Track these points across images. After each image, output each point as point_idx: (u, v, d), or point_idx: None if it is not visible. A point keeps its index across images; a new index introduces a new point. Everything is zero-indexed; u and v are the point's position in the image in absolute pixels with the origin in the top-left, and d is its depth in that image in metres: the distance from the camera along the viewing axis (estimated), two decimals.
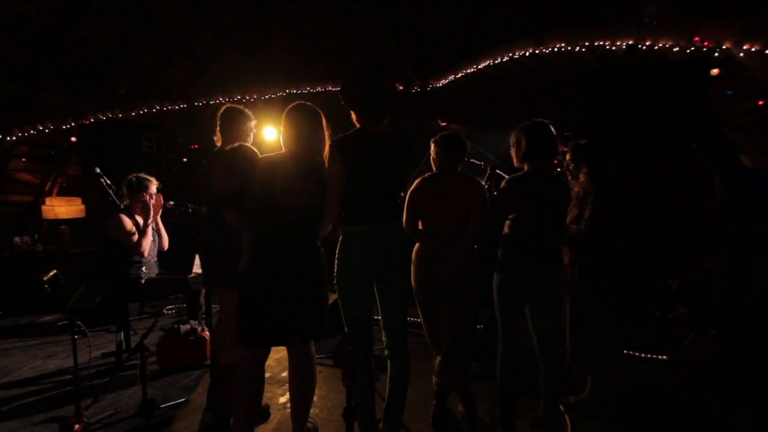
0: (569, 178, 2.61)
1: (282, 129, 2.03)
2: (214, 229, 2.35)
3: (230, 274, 2.20)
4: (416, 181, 2.31)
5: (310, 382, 2.07)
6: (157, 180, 3.41)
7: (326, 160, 2.03)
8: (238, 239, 2.23)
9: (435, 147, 2.35)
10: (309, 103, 2.06)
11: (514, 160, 2.29)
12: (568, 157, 2.54)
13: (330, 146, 1.96)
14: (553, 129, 2.18)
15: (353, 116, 2.03)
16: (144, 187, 3.29)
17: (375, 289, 2.04)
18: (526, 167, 2.19)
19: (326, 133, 2.06)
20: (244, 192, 2.00)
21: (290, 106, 2.03)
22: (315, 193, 1.97)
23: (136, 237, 3.16)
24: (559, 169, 3.13)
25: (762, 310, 2.85)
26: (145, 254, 3.21)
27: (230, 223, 2.12)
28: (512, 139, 2.27)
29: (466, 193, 2.22)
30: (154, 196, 3.33)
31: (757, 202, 2.82)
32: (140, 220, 3.34)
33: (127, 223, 3.16)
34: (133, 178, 3.31)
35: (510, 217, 2.18)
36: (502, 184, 2.18)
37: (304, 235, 1.99)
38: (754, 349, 2.95)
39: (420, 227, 2.30)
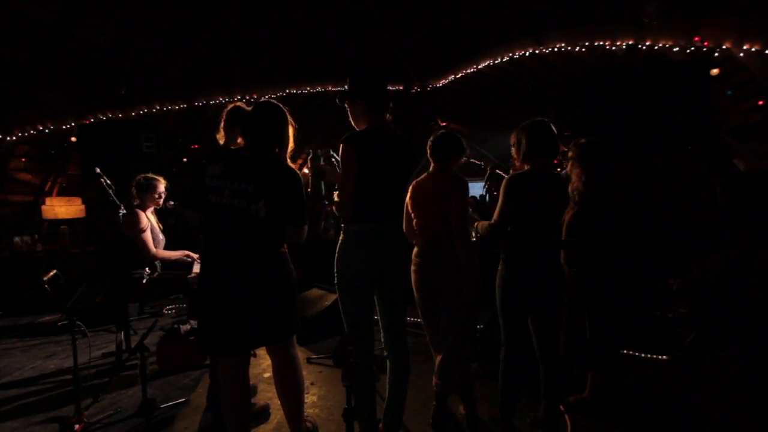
0: (568, 172, 2.59)
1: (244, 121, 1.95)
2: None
3: None
4: (410, 186, 2.31)
5: (295, 381, 2.02)
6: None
7: (290, 158, 1.98)
8: None
9: (428, 146, 2.35)
10: (275, 102, 1.96)
11: (516, 160, 2.29)
12: (570, 154, 2.51)
13: (343, 141, 1.90)
14: (554, 128, 2.17)
15: (358, 110, 2.02)
16: (153, 186, 3.30)
17: (374, 288, 2.04)
18: (527, 167, 2.18)
19: (290, 131, 1.96)
20: (191, 188, 1.91)
21: (257, 102, 1.95)
22: (245, 192, 1.79)
23: (148, 235, 3.17)
24: (559, 169, 3.13)
25: (758, 307, 2.89)
26: (154, 256, 3.20)
27: (190, 218, 2.07)
28: (513, 139, 2.27)
29: (445, 191, 2.18)
30: (163, 195, 3.36)
31: (751, 205, 2.87)
32: (151, 218, 3.36)
33: (143, 220, 3.17)
34: (142, 179, 3.32)
35: (511, 216, 2.16)
36: (504, 181, 2.16)
37: (239, 237, 1.80)
38: (753, 346, 2.98)
39: (415, 230, 2.30)
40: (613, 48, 4.58)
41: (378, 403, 2.15)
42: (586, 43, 4.78)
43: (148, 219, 3.32)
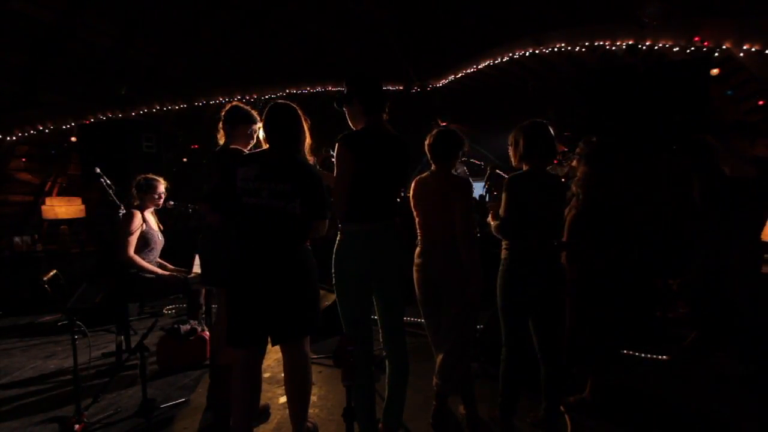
0: (573, 164, 2.59)
1: (263, 125, 2.02)
2: (210, 228, 2.36)
3: (225, 274, 2.21)
4: (412, 184, 2.31)
5: (305, 380, 2.05)
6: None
7: (309, 157, 2.06)
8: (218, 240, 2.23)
9: (426, 147, 2.34)
10: (285, 102, 2.03)
11: (512, 160, 2.29)
12: (578, 150, 2.51)
13: (339, 141, 1.93)
14: (551, 129, 2.18)
15: (354, 112, 2.03)
16: (153, 187, 3.30)
17: (372, 288, 2.04)
18: (524, 167, 2.18)
19: (306, 131, 2.05)
20: (218, 190, 1.98)
21: (270, 105, 2.01)
22: (283, 192, 1.89)
23: (133, 238, 3.15)
24: (558, 169, 3.13)
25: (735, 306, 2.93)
26: (128, 259, 3.17)
27: (210, 222, 2.13)
28: (510, 139, 2.27)
29: (450, 192, 2.18)
30: (163, 195, 3.36)
31: (732, 207, 2.90)
32: (150, 218, 3.35)
33: (136, 223, 3.16)
34: (142, 179, 3.31)
35: (512, 217, 2.16)
36: (506, 181, 2.15)
37: (278, 235, 1.91)
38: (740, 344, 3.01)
39: (418, 230, 2.30)
40: (613, 48, 4.57)
41: (378, 403, 2.15)
42: (586, 43, 4.78)
43: (147, 220, 3.31)
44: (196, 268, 3.25)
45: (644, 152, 3.90)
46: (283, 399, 2.72)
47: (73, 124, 5.22)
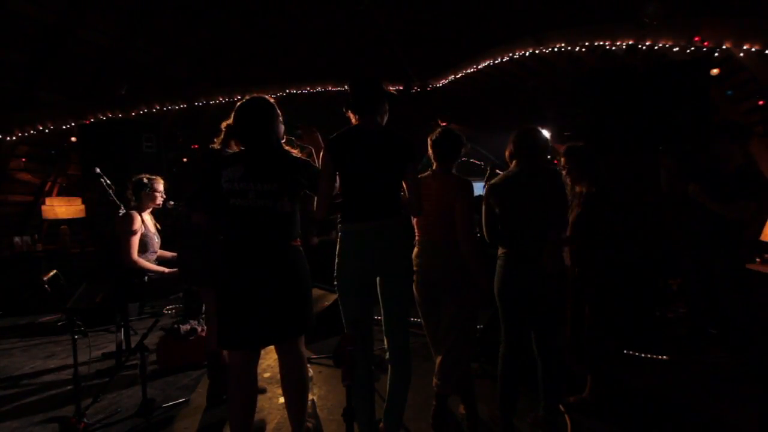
0: (568, 180, 2.61)
1: (234, 125, 1.96)
2: (192, 229, 2.39)
3: (208, 274, 2.20)
4: None
5: (302, 380, 2.03)
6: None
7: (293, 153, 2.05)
8: (203, 240, 2.23)
9: (430, 146, 2.35)
10: (259, 96, 1.99)
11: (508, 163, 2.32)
12: (563, 161, 2.55)
13: (324, 143, 1.96)
14: (544, 132, 2.22)
15: (351, 111, 2.03)
16: (151, 186, 3.30)
17: (377, 289, 2.04)
18: (512, 165, 2.22)
19: (280, 119, 2.00)
20: (203, 193, 1.96)
21: (239, 104, 1.96)
22: (270, 192, 1.87)
23: (135, 240, 3.14)
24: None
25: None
26: (132, 262, 3.16)
27: (196, 222, 2.13)
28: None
29: (449, 192, 2.18)
30: (161, 195, 3.36)
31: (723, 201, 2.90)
32: (148, 219, 3.35)
33: (136, 223, 3.16)
34: (140, 179, 3.31)
35: (494, 221, 2.21)
36: (491, 181, 2.20)
37: (268, 235, 1.89)
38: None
39: (416, 229, 2.30)
40: (613, 48, 4.57)
41: (378, 403, 2.15)
42: (586, 43, 4.78)
43: (144, 222, 3.30)
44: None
45: (643, 152, 3.89)
46: (282, 399, 2.73)
47: (73, 124, 5.22)
